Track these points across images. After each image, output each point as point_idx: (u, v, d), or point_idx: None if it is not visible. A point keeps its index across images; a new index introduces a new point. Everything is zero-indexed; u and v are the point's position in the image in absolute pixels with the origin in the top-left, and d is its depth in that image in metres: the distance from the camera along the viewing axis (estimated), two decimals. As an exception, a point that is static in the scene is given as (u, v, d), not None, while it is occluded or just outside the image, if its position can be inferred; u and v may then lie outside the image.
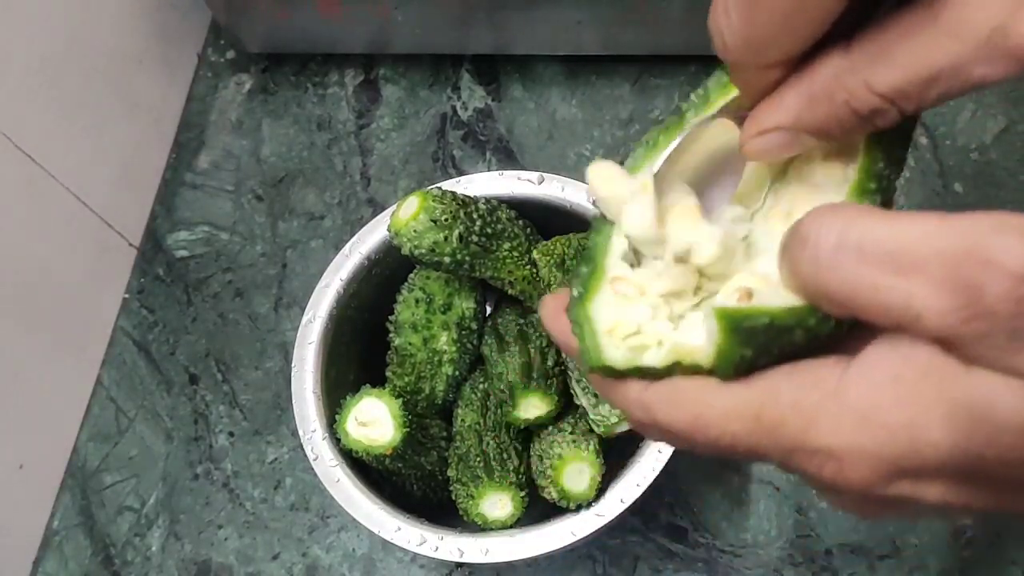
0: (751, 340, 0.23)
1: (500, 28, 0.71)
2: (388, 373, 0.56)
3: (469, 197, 0.52)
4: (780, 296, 0.23)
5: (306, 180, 0.74)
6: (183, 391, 0.68)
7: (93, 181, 0.68)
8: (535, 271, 0.53)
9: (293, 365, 0.53)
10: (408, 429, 0.48)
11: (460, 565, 0.60)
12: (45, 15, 0.63)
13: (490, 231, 0.51)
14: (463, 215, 0.50)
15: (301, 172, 0.75)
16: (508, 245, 0.53)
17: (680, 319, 0.27)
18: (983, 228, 0.19)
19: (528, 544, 0.47)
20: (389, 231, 0.50)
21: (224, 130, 0.77)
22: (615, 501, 0.47)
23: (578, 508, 0.48)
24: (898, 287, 0.20)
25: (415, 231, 0.49)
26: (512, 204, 0.54)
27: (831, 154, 0.27)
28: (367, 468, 0.50)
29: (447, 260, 0.50)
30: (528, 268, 0.53)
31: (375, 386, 0.49)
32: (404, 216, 0.49)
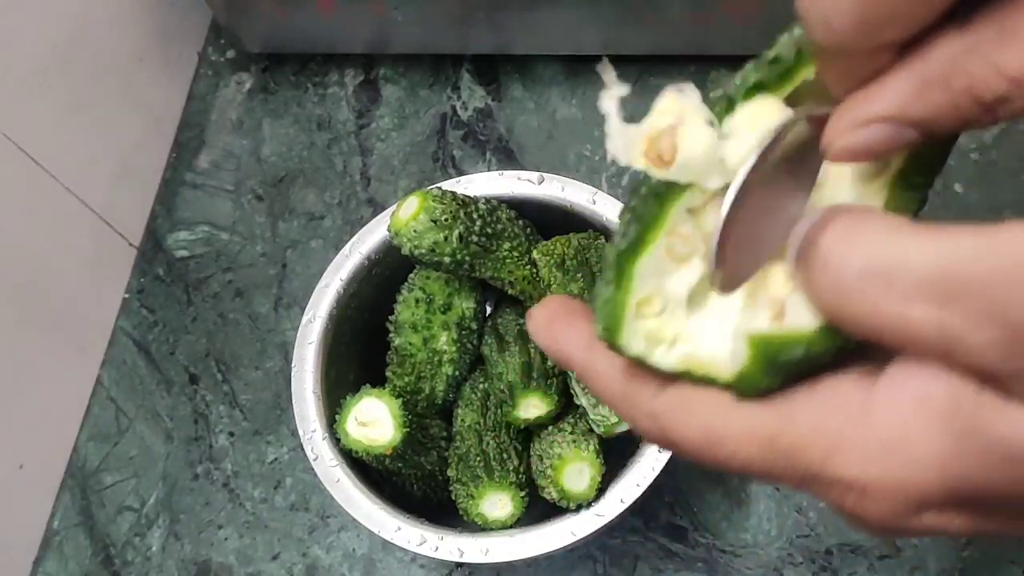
0: (782, 371, 0.22)
1: (500, 28, 0.71)
2: (388, 373, 0.56)
3: (469, 197, 0.52)
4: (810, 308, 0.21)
5: (306, 180, 0.74)
6: (183, 391, 0.68)
7: (93, 181, 0.68)
8: (535, 271, 0.53)
9: (293, 365, 0.53)
10: (408, 429, 0.48)
11: (460, 565, 0.60)
12: (45, 14, 0.63)
13: (490, 231, 0.51)
14: (463, 215, 0.50)
15: (301, 172, 0.75)
16: (508, 245, 0.53)
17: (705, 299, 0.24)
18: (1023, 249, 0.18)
19: (528, 544, 0.47)
20: (389, 231, 0.50)
21: (224, 130, 0.77)
22: (615, 501, 0.47)
23: (578, 508, 0.48)
24: (932, 317, 0.18)
25: (415, 231, 0.49)
26: (512, 204, 0.54)
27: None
28: (367, 468, 0.50)
29: (447, 260, 0.50)
30: (528, 268, 0.53)
31: (375, 386, 0.49)
32: (404, 216, 0.49)
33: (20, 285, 0.61)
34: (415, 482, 0.53)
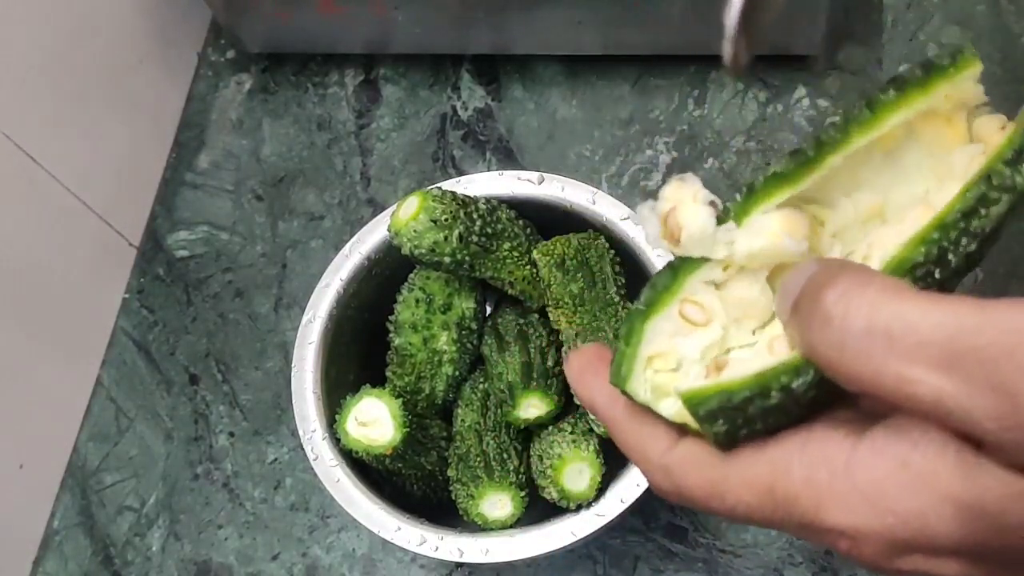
0: (716, 418, 0.24)
1: (500, 28, 0.71)
2: (388, 373, 0.56)
3: (469, 197, 0.52)
4: (759, 357, 0.24)
5: (306, 180, 0.74)
6: (183, 391, 0.68)
7: (93, 181, 0.68)
8: (535, 271, 0.53)
9: (293, 365, 0.53)
10: (408, 429, 0.48)
11: (460, 565, 0.60)
12: (45, 15, 0.63)
13: (490, 231, 0.51)
14: (463, 215, 0.50)
15: (301, 172, 0.75)
16: (508, 245, 0.53)
17: (728, 354, 0.27)
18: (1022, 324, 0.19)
19: (528, 544, 0.47)
20: (389, 231, 0.50)
21: (224, 130, 0.77)
22: (615, 501, 0.47)
23: (578, 508, 0.48)
24: (932, 381, 0.19)
25: (415, 231, 0.49)
26: (512, 204, 0.54)
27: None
28: (367, 468, 0.50)
29: (447, 260, 0.50)
30: (528, 268, 0.53)
31: (375, 386, 0.49)
32: (404, 216, 0.49)
33: (20, 285, 0.61)
34: (415, 482, 0.53)
